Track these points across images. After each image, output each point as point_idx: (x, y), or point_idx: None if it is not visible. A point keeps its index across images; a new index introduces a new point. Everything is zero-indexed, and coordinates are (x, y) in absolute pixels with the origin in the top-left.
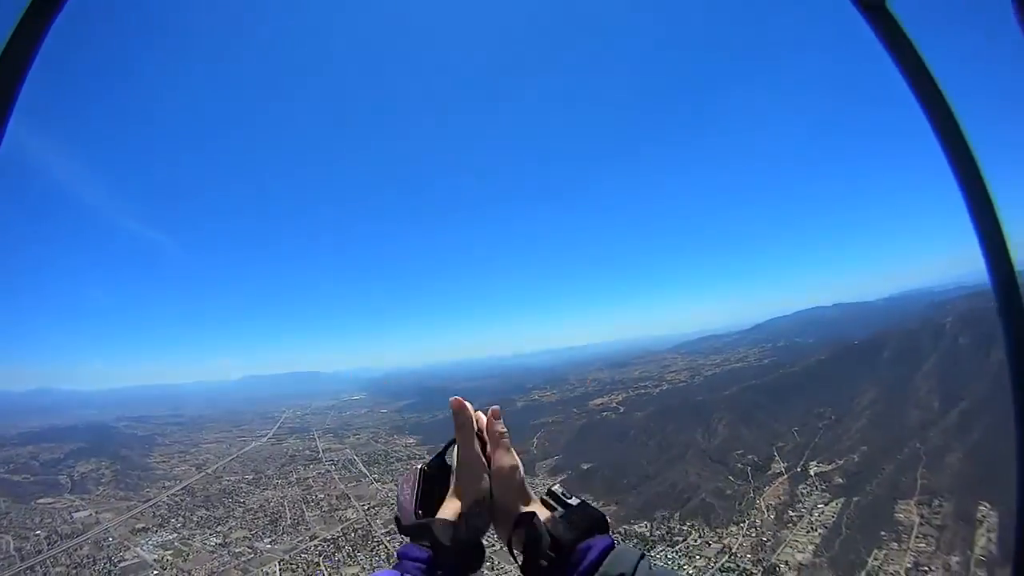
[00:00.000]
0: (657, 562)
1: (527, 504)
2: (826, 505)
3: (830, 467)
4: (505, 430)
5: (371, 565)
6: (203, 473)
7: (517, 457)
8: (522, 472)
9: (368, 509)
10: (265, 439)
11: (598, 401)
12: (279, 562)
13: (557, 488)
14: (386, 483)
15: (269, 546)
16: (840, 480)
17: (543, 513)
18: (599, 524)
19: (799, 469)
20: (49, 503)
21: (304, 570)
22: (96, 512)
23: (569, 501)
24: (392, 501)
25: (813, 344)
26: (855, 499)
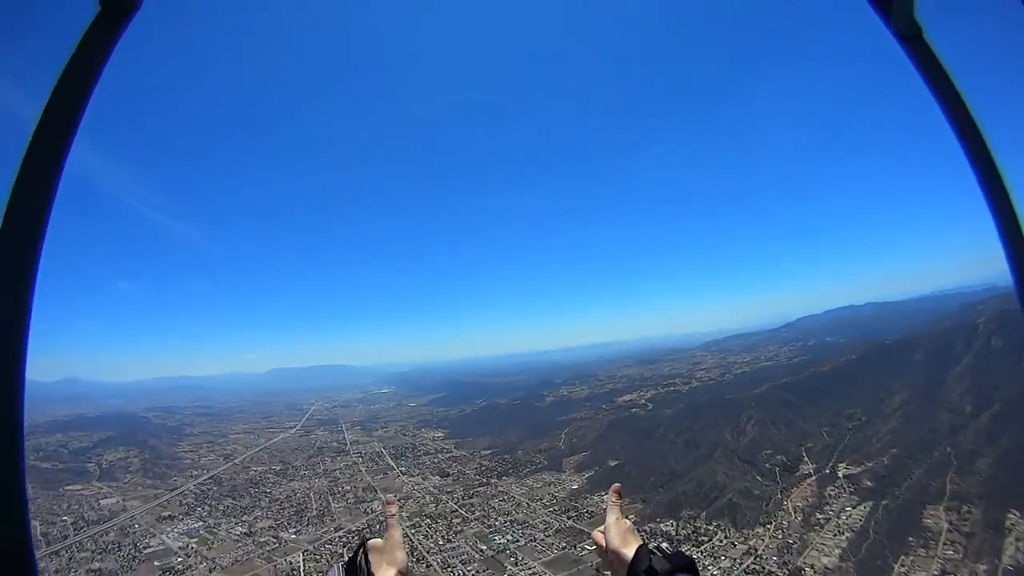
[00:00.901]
0: None
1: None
2: (854, 508)
3: (859, 469)
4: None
5: None
6: (231, 463)
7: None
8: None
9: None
10: (293, 431)
11: (627, 397)
12: (303, 552)
13: (658, 543)
14: (413, 476)
15: (294, 536)
16: (869, 483)
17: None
18: (689, 566)
19: (827, 471)
20: (77, 490)
21: (328, 560)
22: (123, 499)
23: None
24: (418, 492)
25: (844, 343)
26: (883, 503)
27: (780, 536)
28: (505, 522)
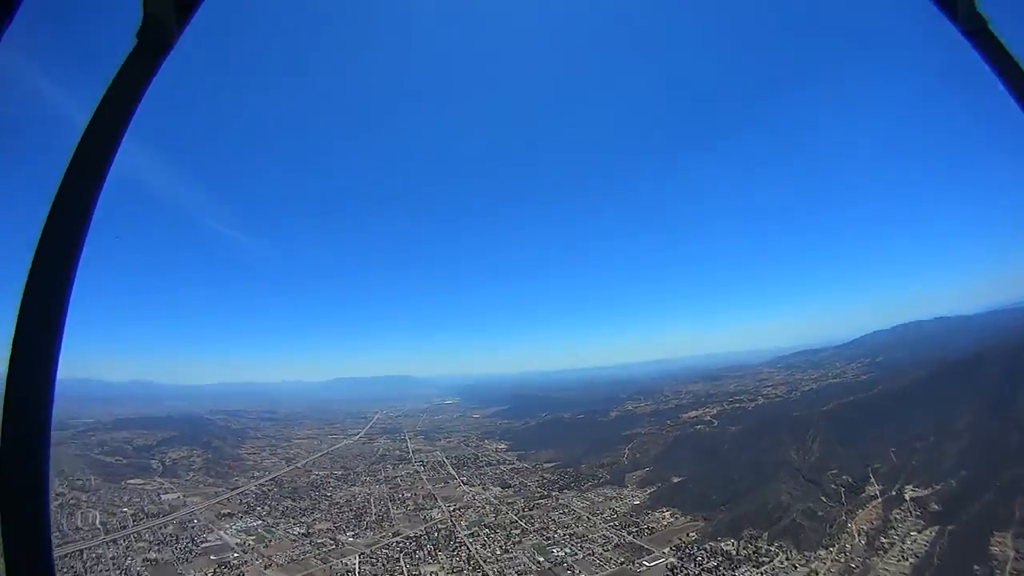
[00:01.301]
0: None
1: None
2: (919, 533)
3: (926, 492)
4: None
5: (452, 566)
6: (292, 466)
7: None
8: None
9: (454, 510)
10: (356, 438)
11: (692, 414)
12: (359, 555)
13: None
14: (474, 485)
15: (351, 539)
16: (936, 506)
17: None
18: None
19: (894, 492)
20: (139, 484)
21: (384, 565)
22: (184, 495)
23: None
24: (478, 503)
25: (913, 360)
26: (950, 527)
27: (843, 560)
28: (564, 535)
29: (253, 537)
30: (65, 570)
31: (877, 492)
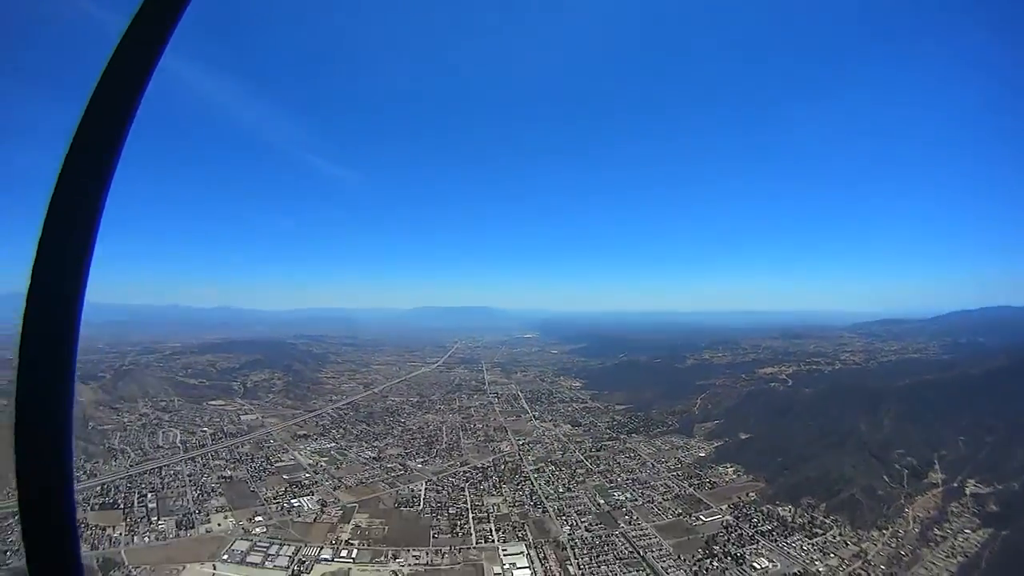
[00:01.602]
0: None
1: None
2: (973, 532)
3: (988, 489)
4: None
5: (514, 500)
6: (370, 391)
7: None
8: None
9: (523, 445)
10: (434, 366)
11: (768, 370)
12: (426, 482)
13: None
14: (545, 421)
15: (420, 466)
16: (994, 507)
17: None
18: None
19: (956, 484)
20: (220, 405)
21: (448, 493)
22: (263, 416)
23: None
24: (547, 440)
25: (997, 346)
26: (1004, 532)
27: (894, 545)
28: (627, 479)
29: (325, 459)
30: (144, 486)
31: (939, 480)
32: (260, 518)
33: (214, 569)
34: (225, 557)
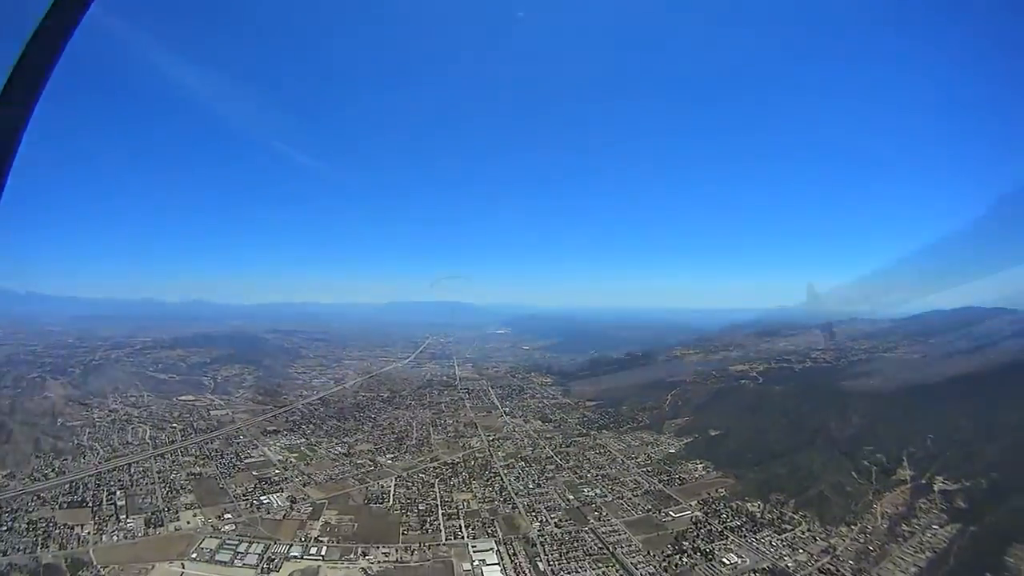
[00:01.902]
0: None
1: None
2: (941, 527)
3: (956, 486)
4: None
5: (484, 496)
6: (340, 387)
7: None
8: None
9: (492, 440)
10: (405, 361)
11: (739, 367)
12: (396, 478)
13: None
14: (516, 417)
15: (390, 461)
16: (962, 503)
17: None
18: None
19: (924, 481)
20: (190, 400)
21: (418, 489)
22: (233, 412)
23: None
24: (517, 436)
25: (968, 347)
26: (971, 528)
27: (862, 541)
28: (597, 475)
29: (295, 455)
30: (113, 483)
31: (908, 477)
32: (229, 515)
33: (183, 568)
34: (194, 555)
